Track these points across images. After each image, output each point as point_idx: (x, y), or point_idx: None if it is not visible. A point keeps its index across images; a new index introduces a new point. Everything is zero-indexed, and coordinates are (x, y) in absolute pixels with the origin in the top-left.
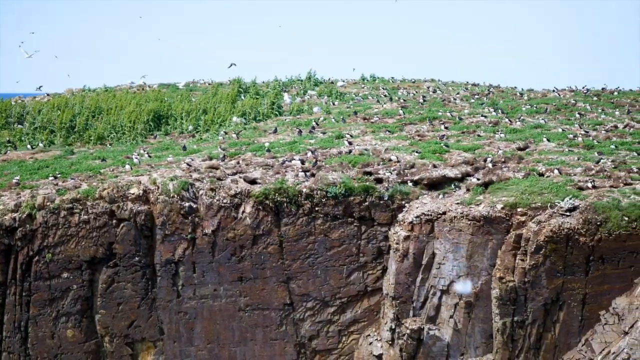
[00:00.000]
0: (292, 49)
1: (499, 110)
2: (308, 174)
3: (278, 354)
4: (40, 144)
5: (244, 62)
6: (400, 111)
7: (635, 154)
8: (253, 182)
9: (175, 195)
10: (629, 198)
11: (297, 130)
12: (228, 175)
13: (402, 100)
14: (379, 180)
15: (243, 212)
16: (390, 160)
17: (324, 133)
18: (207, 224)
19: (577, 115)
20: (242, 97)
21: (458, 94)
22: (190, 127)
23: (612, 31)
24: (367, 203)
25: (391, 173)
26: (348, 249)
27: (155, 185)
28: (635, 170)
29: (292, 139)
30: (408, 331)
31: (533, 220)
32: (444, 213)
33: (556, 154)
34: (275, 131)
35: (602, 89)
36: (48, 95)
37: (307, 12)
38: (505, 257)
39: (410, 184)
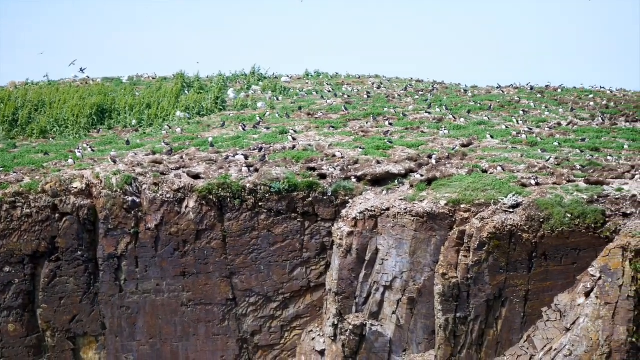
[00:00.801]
0: (236, 44)
1: (443, 107)
2: (252, 169)
3: (220, 349)
4: None
5: (188, 57)
6: (344, 107)
7: (578, 151)
8: (196, 177)
9: (119, 190)
10: (572, 195)
11: (241, 125)
12: (171, 170)
13: (346, 96)
14: (323, 176)
15: (186, 207)
16: (334, 156)
17: (267, 128)
18: (150, 219)
19: (521, 113)
20: (186, 92)
21: (402, 90)
22: (134, 122)
23: (557, 27)
24: (310, 199)
25: (335, 169)
26: (291, 245)
27: (98, 180)
28: (579, 167)
29: (236, 134)
30: (351, 327)
31: (476, 217)
32: (388, 209)
33: (500, 150)
34: (223, 125)
35: (546, 86)
36: None
37: (251, 7)
38: (448, 254)
39: (353, 179)
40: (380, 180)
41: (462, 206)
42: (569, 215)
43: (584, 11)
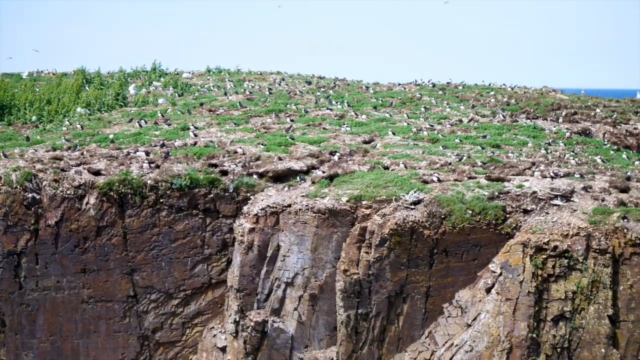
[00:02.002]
0: (137, 40)
1: (345, 103)
2: (153, 165)
3: (121, 346)
4: None
5: (89, 52)
6: (245, 104)
7: (479, 148)
8: (97, 173)
9: (18, 186)
10: (473, 192)
11: (138, 121)
12: (72, 166)
13: (247, 93)
14: (224, 173)
15: (87, 203)
16: (235, 152)
17: (169, 125)
18: (51, 215)
19: (423, 109)
20: (87, 88)
21: (304, 86)
22: (34, 118)
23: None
24: (212, 195)
25: (236, 165)
26: (192, 241)
27: None
28: (480, 164)
29: (137, 131)
30: (252, 323)
31: (378, 213)
32: (289, 206)
33: (401, 147)
34: (130, 121)
35: (447, 83)
36: None
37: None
38: (350, 250)
39: (255, 176)
40: (282, 177)
41: (364, 203)
42: (470, 212)
43: (486, 10)
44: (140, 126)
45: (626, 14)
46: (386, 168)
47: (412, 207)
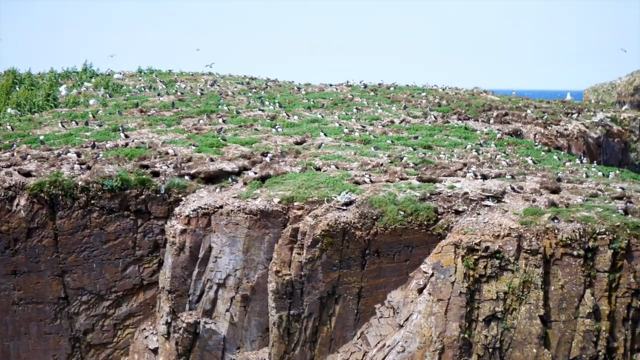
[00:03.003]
0: (68, 40)
1: (277, 104)
2: (84, 166)
3: (52, 348)
4: None
5: (19, 52)
6: (177, 104)
7: (411, 149)
8: (28, 174)
9: None
10: (405, 192)
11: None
12: (2, 167)
13: (179, 94)
14: (156, 174)
15: (17, 205)
16: (167, 153)
17: (100, 125)
18: None
19: (355, 110)
20: (17, 89)
21: (236, 87)
22: None
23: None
24: (143, 196)
25: (168, 166)
26: (124, 243)
27: None
28: (411, 165)
29: (68, 132)
30: (184, 325)
31: (310, 214)
32: (221, 207)
33: (333, 148)
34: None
35: (379, 84)
36: None
37: (83, 5)
38: (282, 251)
39: (187, 177)
40: (214, 178)
41: (296, 204)
42: (402, 213)
43: (415, 10)
44: (64, 127)
45: (555, 16)
46: (318, 169)
47: (344, 208)
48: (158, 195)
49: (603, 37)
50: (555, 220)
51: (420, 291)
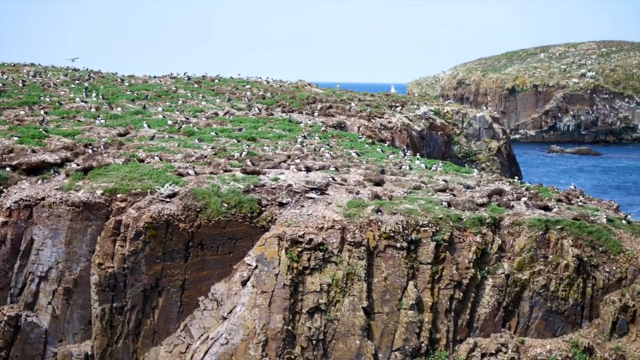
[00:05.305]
0: None
1: (100, 96)
2: None
3: None
4: None
5: None
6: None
7: (235, 140)
8: None
9: None
10: (229, 185)
11: None
12: None
13: (0, 84)
14: None
15: None
16: None
17: None
18: None
19: (179, 102)
20: None
21: (58, 79)
22: None
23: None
24: None
25: None
26: None
27: None
28: (235, 157)
29: None
30: (5, 318)
31: (133, 207)
32: (43, 199)
33: (157, 140)
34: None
35: (203, 76)
36: None
37: None
38: (104, 243)
39: (8, 169)
40: (36, 170)
41: (119, 196)
42: (226, 205)
43: (238, 3)
44: None
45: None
46: (141, 161)
47: (168, 200)
48: None
49: (427, 32)
50: (379, 213)
51: (244, 283)
